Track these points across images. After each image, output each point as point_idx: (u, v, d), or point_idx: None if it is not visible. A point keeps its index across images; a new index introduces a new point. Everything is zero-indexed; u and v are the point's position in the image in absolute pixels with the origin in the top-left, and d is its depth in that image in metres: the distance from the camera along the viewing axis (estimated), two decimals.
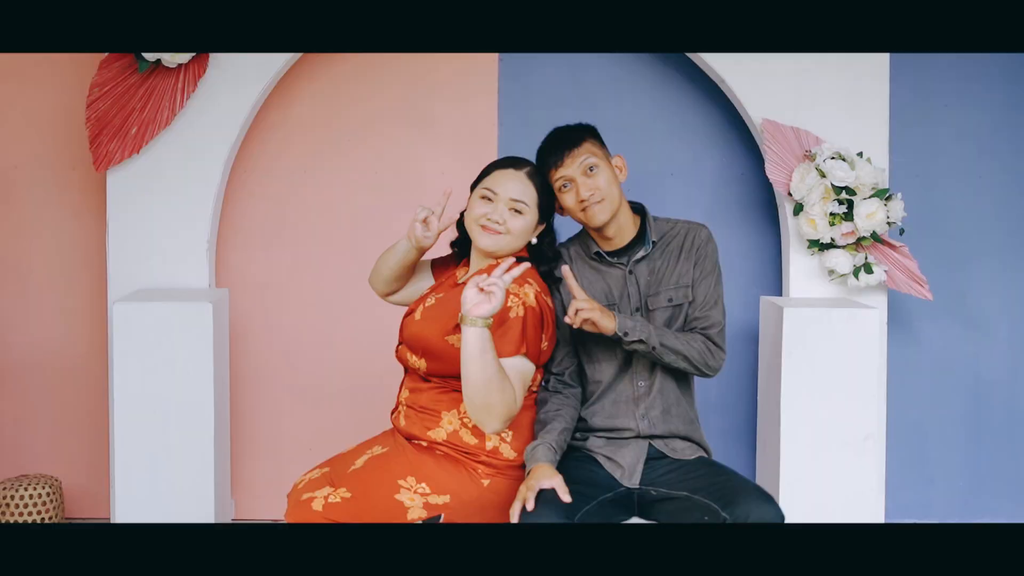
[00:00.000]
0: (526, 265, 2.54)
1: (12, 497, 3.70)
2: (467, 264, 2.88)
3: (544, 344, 2.69)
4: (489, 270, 2.66)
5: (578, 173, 2.75)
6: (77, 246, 3.97)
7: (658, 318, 2.79)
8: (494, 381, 2.46)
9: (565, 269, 2.67)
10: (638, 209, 2.87)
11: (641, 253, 2.80)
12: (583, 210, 2.76)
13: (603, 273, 2.83)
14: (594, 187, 2.75)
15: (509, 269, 2.50)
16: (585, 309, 2.62)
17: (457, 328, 2.62)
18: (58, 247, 3.97)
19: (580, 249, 2.87)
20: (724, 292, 2.83)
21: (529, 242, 2.79)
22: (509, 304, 2.60)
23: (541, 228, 2.81)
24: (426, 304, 2.79)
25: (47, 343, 3.99)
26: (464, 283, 2.75)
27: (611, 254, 2.82)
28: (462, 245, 2.91)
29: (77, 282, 3.98)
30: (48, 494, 3.75)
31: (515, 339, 2.58)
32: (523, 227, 2.73)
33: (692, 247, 2.80)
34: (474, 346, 2.44)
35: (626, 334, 2.66)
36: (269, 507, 4.00)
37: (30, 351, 4.00)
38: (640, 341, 2.67)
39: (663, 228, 2.85)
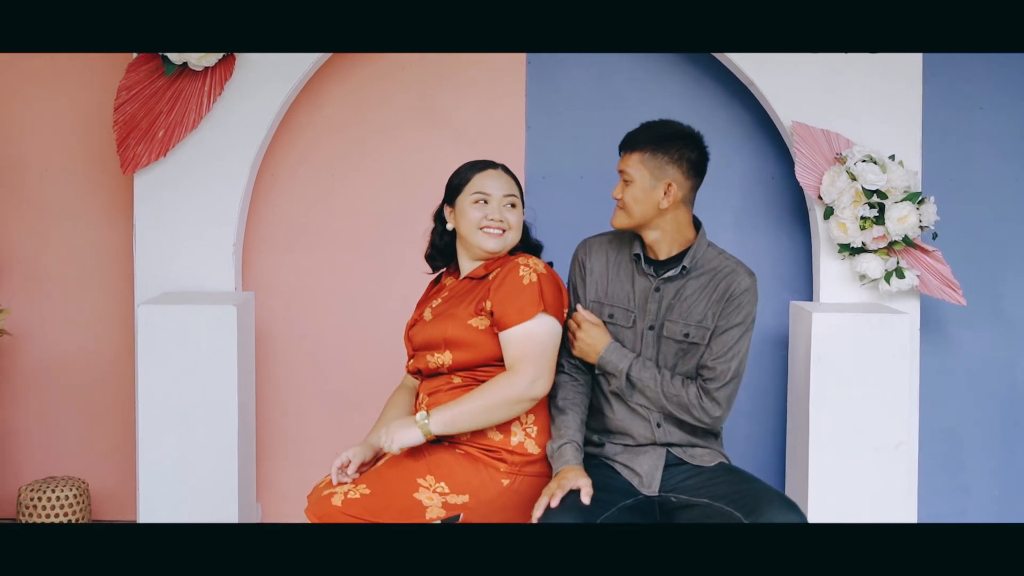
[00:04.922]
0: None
1: (40, 499, 3.72)
2: (455, 272, 2.93)
3: (565, 309, 2.78)
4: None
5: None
6: (105, 249, 3.98)
7: (669, 348, 2.74)
8: (480, 421, 2.65)
9: (580, 308, 2.79)
10: (696, 225, 2.81)
11: (671, 273, 2.74)
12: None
13: (634, 278, 2.79)
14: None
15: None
16: (573, 333, 2.76)
17: (477, 310, 2.70)
18: (85, 250, 3.99)
19: (620, 244, 2.84)
20: (750, 345, 2.75)
21: None
22: (520, 273, 2.68)
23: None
24: (432, 307, 2.83)
25: (74, 345, 4.01)
26: (471, 278, 2.83)
27: (648, 262, 2.77)
28: (442, 255, 2.94)
29: (105, 285, 3.99)
30: (75, 496, 3.76)
31: (534, 300, 2.64)
32: (519, 219, 2.84)
33: (727, 293, 2.70)
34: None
35: (603, 371, 2.75)
36: (296, 511, 3.96)
37: (58, 353, 4.01)
38: (614, 376, 2.74)
39: (709, 257, 2.76)
